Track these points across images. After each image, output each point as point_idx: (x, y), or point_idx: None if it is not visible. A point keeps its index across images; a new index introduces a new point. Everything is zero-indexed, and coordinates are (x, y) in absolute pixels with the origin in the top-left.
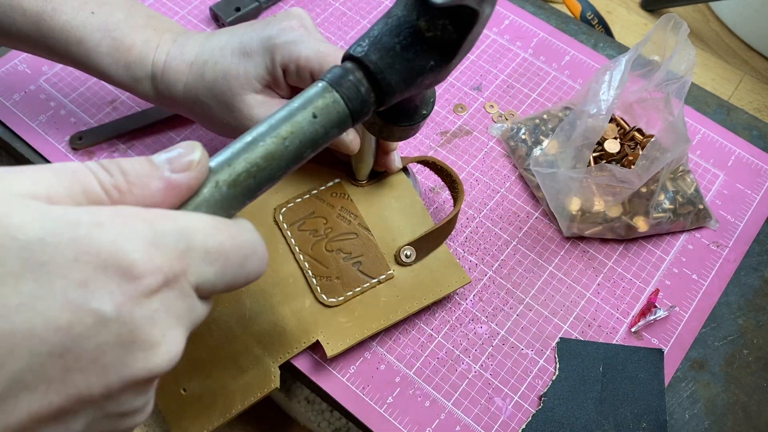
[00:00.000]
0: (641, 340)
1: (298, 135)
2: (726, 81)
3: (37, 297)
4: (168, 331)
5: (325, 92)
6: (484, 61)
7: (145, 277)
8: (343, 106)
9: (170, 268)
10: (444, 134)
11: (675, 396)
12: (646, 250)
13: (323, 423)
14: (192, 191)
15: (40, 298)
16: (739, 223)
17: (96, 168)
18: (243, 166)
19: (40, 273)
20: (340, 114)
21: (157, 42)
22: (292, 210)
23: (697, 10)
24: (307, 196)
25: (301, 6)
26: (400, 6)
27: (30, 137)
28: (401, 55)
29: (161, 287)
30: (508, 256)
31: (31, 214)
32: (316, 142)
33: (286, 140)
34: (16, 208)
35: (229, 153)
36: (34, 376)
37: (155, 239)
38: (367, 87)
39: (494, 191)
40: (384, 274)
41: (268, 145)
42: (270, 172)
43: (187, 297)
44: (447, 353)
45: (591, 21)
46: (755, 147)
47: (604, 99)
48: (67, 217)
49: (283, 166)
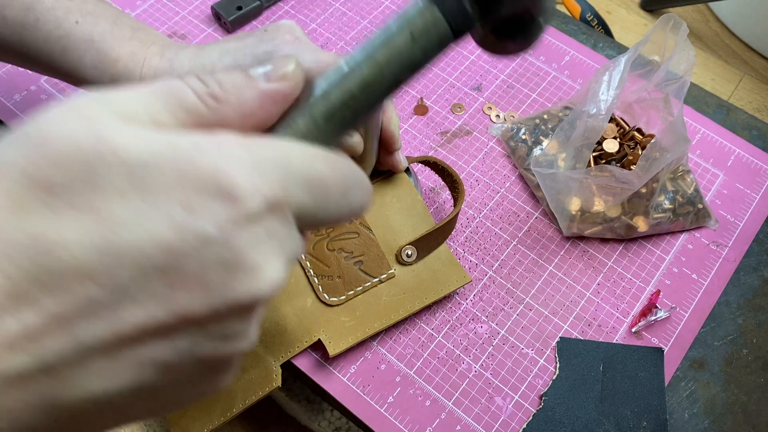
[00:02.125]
0: (641, 339)
1: (396, 60)
2: (725, 81)
3: (143, 215)
4: (270, 256)
5: (425, 9)
6: (484, 61)
7: (246, 200)
8: (444, 23)
9: (271, 193)
10: (444, 134)
11: (675, 395)
12: (645, 249)
13: (324, 422)
14: (288, 101)
15: (146, 216)
16: (739, 223)
17: (192, 80)
18: (338, 97)
19: (145, 193)
20: (440, 32)
21: (144, 55)
22: None
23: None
24: None
25: (301, 7)
26: None
27: None
28: None
29: (263, 212)
30: (508, 255)
31: (135, 137)
32: (416, 66)
33: (383, 67)
34: (120, 130)
35: (325, 84)
36: (140, 290)
37: (256, 164)
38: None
39: (494, 191)
40: (385, 274)
41: (364, 74)
42: (366, 102)
43: (288, 225)
44: (447, 353)
45: (590, 22)
46: (755, 147)
47: (604, 99)
48: (167, 141)
49: (380, 95)
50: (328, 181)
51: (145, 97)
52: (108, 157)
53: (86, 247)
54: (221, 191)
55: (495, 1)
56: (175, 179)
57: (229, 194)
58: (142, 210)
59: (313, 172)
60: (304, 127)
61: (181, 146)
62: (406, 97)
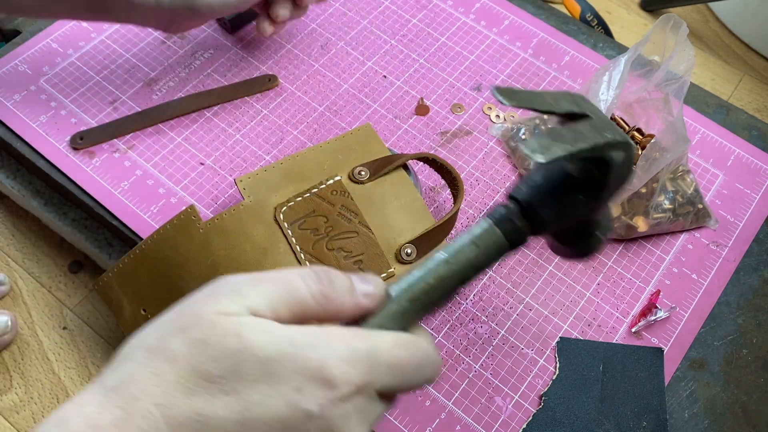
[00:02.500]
0: (641, 339)
1: (463, 262)
2: (725, 81)
3: (268, 396)
4: (356, 426)
5: (487, 227)
6: (484, 61)
7: (341, 387)
8: (501, 237)
9: (360, 380)
10: (444, 134)
11: (674, 395)
12: (645, 249)
13: None
14: (370, 313)
15: (270, 397)
16: (739, 223)
17: (309, 277)
18: (419, 286)
19: (271, 380)
20: (499, 245)
21: None
22: (292, 209)
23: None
24: (308, 194)
25: None
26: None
27: (31, 137)
28: (551, 192)
29: (353, 394)
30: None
31: (264, 335)
32: (480, 269)
33: (453, 266)
34: (253, 328)
35: (410, 276)
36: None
37: (351, 357)
38: (522, 220)
39: (494, 191)
40: (385, 273)
41: (439, 270)
42: (441, 291)
43: (372, 401)
44: (447, 353)
45: (590, 22)
46: (755, 147)
47: (604, 99)
48: (289, 338)
49: (452, 287)
50: (405, 365)
51: (270, 294)
52: (248, 356)
53: (231, 421)
54: (324, 380)
55: (541, 223)
56: (292, 370)
57: (329, 382)
58: (268, 393)
59: (394, 360)
60: (392, 308)
61: (299, 343)
62: (407, 97)
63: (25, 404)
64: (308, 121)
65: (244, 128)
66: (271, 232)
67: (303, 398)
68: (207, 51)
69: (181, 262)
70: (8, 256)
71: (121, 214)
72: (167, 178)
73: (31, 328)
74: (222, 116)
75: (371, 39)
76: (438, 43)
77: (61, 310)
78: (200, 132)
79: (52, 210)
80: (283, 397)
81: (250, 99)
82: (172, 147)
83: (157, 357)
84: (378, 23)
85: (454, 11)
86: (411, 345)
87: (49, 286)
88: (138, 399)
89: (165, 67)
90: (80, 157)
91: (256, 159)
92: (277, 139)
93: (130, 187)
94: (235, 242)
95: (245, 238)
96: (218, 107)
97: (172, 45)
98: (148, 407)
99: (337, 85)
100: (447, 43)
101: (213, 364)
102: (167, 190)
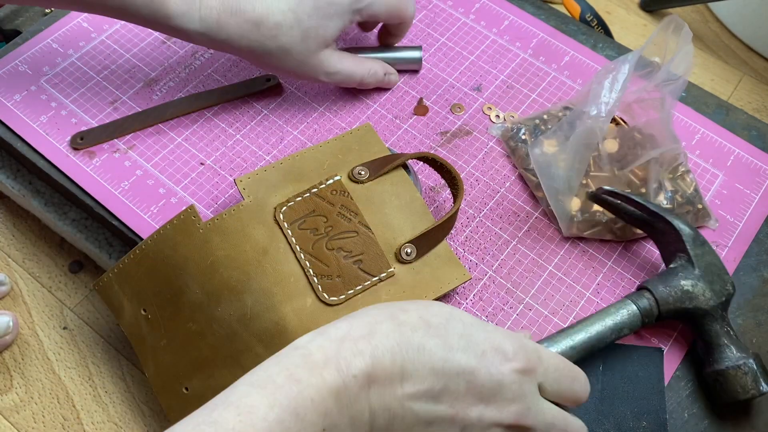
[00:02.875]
0: (641, 339)
1: (603, 330)
2: (725, 81)
3: (464, 350)
4: (518, 402)
5: (630, 310)
6: (484, 61)
7: (513, 361)
8: (637, 314)
9: (527, 362)
10: (444, 134)
11: (674, 395)
12: (645, 249)
13: None
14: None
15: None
16: (739, 223)
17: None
18: (569, 344)
19: (468, 341)
20: (632, 319)
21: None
22: (292, 209)
23: (696, 11)
24: (307, 194)
25: None
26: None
27: (31, 137)
28: (675, 281)
29: (521, 371)
30: (508, 255)
31: (467, 316)
32: (618, 333)
33: (593, 333)
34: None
35: (564, 336)
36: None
37: (522, 347)
38: (655, 305)
39: (494, 191)
40: (385, 272)
41: (584, 336)
42: (586, 351)
43: (533, 384)
44: None
45: (590, 22)
46: (754, 147)
47: (605, 101)
48: (484, 324)
49: (595, 347)
50: (561, 372)
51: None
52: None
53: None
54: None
55: (666, 311)
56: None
57: (505, 354)
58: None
59: (554, 362)
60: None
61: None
62: (406, 97)
63: (25, 404)
64: (308, 121)
65: (244, 128)
66: (271, 232)
67: (485, 360)
68: (207, 51)
69: (181, 263)
70: (8, 256)
71: (122, 214)
72: (167, 178)
73: (32, 328)
74: (222, 116)
75: (371, 39)
76: (438, 44)
77: (62, 310)
78: (200, 132)
79: (53, 210)
80: (473, 354)
81: (250, 99)
82: (173, 147)
83: (390, 308)
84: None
85: (454, 11)
86: (569, 365)
87: (49, 286)
88: (380, 323)
89: (165, 67)
90: (80, 157)
91: (256, 159)
92: (277, 139)
93: (130, 187)
94: (234, 242)
95: (245, 239)
96: (218, 107)
97: (173, 45)
98: (385, 330)
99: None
100: (447, 44)
101: (434, 317)
102: (167, 190)
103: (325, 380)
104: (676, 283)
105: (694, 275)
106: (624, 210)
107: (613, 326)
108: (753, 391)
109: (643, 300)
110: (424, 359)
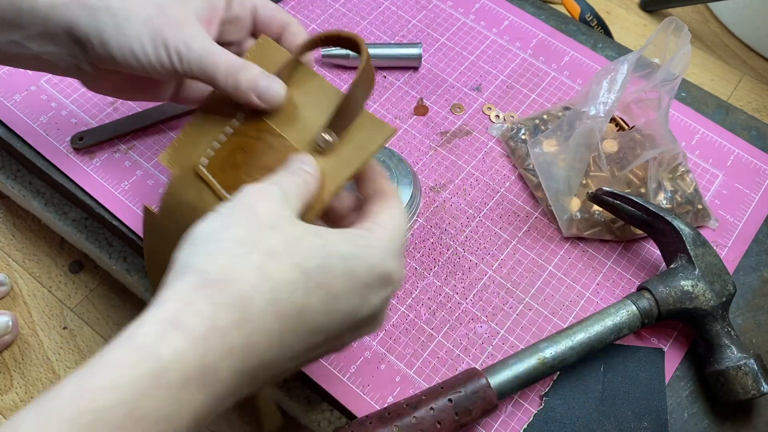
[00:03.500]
0: (641, 339)
1: (602, 330)
2: (725, 81)
3: (348, 290)
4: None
5: (630, 311)
6: (484, 61)
7: (395, 284)
8: (637, 315)
9: (401, 276)
10: (444, 134)
11: (674, 395)
12: (645, 249)
13: (323, 422)
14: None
15: (350, 291)
16: (738, 223)
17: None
18: (569, 344)
19: (350, 276)
20: (631, 319)
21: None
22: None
23: (696, 11)
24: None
25: (302, 7)
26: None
27: (31, 138)
28: (676, 282)
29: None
30: (507, 255)
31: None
32: (618, 334)
33: (593, 333)
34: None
35: (563, 336)
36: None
37: (398, 254)
38: (655, 305)
39: (494, 191)
40: None
41: (583, 336)
42: (586, 351)
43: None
44: (447, 352)
45: (590, 22)
46: (754, 147)
47: (604, 101)
48: (354, 240)
49: (595, 347)
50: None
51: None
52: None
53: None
54: (387, 279)
55: (666, 311)
56: (365, 269)
57: (390, 281)
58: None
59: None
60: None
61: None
62: (406, 97)
63: (25, 404)
64: None
65: None
66: (198, 189)
67: (372, 294)
68: None
69: (151, 258)
70: (9, 256)
71: (122, 214)
72: (168, 178)
73: (32, 328)
74: None
75: (371, 40)
76: (438, 44)
77: (62, 310)
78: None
79: (53, 210)
80: (359, 292)
81: None
82: None
83: (255, 250)
84: (378, 24)
85: (454, 12)
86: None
87: (49, 286)
88: (251, 297)
89: None
90: (80, 157)
91: None
92: None
93: (130, 187)
94: (178, 217)
95: (181, 209)
96: None
97: None
98: (260, 305)
99: (337, 86)
100: (447, 44)
101: (307, 259)
102: None
103: (196, 400)
104: (676, 283)
105: (694, 275)
106: (624, 210)
107: (613, 326)
108: (753, 391)
109: (643, 300)
110: (307, 321)
